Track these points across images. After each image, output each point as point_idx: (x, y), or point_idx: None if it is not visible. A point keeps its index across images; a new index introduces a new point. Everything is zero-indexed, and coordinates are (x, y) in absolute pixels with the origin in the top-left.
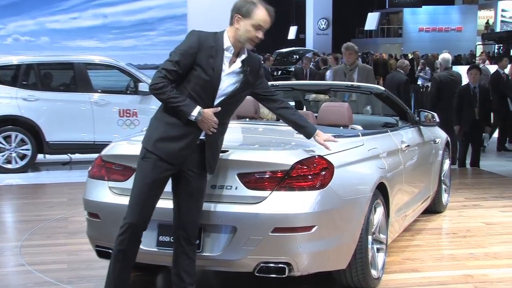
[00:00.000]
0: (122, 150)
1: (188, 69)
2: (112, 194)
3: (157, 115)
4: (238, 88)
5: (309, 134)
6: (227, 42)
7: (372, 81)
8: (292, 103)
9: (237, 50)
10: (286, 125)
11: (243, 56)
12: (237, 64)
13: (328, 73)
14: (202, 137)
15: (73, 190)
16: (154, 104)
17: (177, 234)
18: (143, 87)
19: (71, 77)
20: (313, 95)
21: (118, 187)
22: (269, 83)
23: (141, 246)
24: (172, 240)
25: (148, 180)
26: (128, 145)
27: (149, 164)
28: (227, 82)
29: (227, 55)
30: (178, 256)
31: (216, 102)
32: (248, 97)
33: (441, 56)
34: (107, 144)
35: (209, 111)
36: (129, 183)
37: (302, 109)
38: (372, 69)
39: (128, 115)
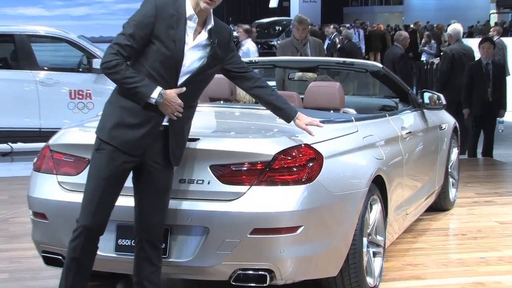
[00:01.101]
0: (73, 139)
1: (145, 43)
2: (62, 191)
3: (112, 98)
4: (204, 64)
5: (288, 117)
6: (189, 10)
7: (323, 55)
8: (274, 83)
9: (202, 19)
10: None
11: (210, 26)
12: (203, 36)
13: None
14: (165, 123)
15: (15, 186)
16: (111, 84)
17: (139, 237)
18: (98, 64)
19: (12, 52)
20: (299, 73)
21: (69, 182)
22: (248, 59)
23: (98, 252)
24: (133, 244)
25: (104, 175)
26: (80, 132)
27: (104, 156)
28: (192, 57)
29: (191, 25)
30: (140, 263)
31: (180, 81)
32: (222, 76)
33: (451, 27)
34: (56, 132)
35: (172, 92)
36: (82, 178)
37: (286, 89)
38: (321, 42)
39: (80, 97)
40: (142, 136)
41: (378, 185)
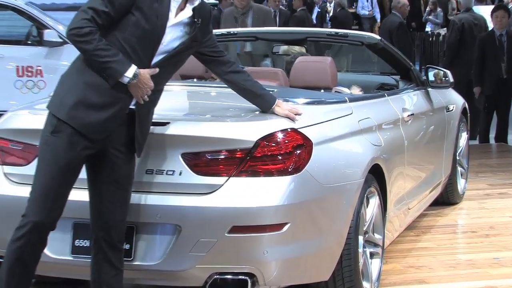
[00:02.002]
0: (22, 123)
1: (123, 13)
2: (9, 183)
3: (72, 71)
4: (183, 45)
5: (266, 106)
6: None
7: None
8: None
9: None
10: None
11: (197, 2)
12: (186, 13)
13: None
14: (132, 106)
15: None
16: (66, 59)
17: (97, 236)
18: (50, 35)
19: None
20: (284, 47)
21: (17, 173)
22: (226, 30)
23: (50, 254)
24: (88, 245)
25: (62, 162)
26: (30, 115)
27: (62, 140)
28: (172, 35)
29: None
30: (99, 266)
31: (155, 61)
32: None
33: None
34: (1, 115)
35: (146, 73)
36: (32, 168)
37: (270, 65)
38: (270, 10)
39: (29, 74)
40: (107, 119)
41: (376, 176)
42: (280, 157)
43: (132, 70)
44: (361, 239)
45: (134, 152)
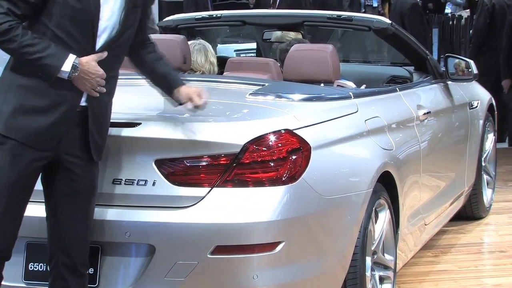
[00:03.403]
0: None
1: None
2: None
3: (5, 74)
4: (125, 16)
5: (173, 85)
6: None
7: None
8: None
9: None
10: (235, 81)
11: None
12: None
13: None
14: (83, 103)
15: None
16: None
17: (55, 259)
18: None
19: None
20: (277, 33)
21: None
22: (208, 13)
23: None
24: (48, 269)
25: (8, 179)
26: None
27: (5, 154)
28: (110, 8)
29: None
30: None
31: (99, 43)
32: (173, 38)
33: None
34: None
35: (90, 61)
36: None
37: (261, 54)
38: None
39: None
40: (54, 123)
41: (386, 186)
42: (272, 164)
43: (69, 62)
44: (368, 260)
45: (93, 157)
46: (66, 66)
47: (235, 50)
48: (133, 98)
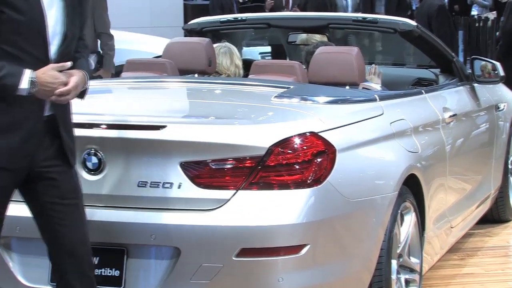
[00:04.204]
0: None
1: None
2: None
3: None
4: (70, 19)
5: None
6: None
7: (99, 16)
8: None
9: None
10: (260, 84)
11: None
12: None
13: None
14: (47, 113)
15: None
16: None
17: (60, 270)
18: None
19: None
20: (303, 36)
21: None
22: (233, 16)
23: (25, 282)
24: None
25: None
26: None
27: None
28: (54, 13)
29: None
30: None
31: (53, 51)
32: (198, 41)
33: None
34: None
35: (46, 71)
36: None
37: (285, 57)
38: None
39: None
40: (24, 138)
41: (412, 188)
42: (297, 167)
43: (26, 78)
44: (394, 263)
45: (69, 162)
46: (24, 84)
47: (260, 53)
48: (158, 101)
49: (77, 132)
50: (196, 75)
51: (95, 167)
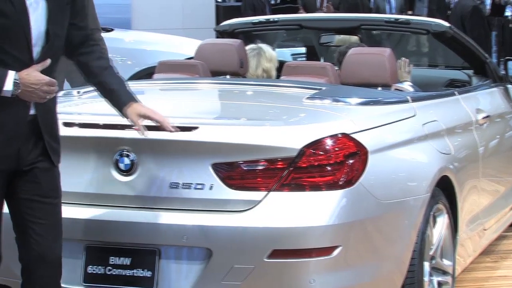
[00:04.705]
0: None
1: None
2: None
3: None
4: (51, 21)
5: (119, 103)
6: None
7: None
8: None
9: None
10: (292, 85)
11: None
12: None
13: None
14: (32, 112)
15: None
16: None
17: (28, 271)
18: None
19: None
20: (341, 37)
21: None
22: (265, 17)
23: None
24: (108, 272)
25: None
26: None
27: None
28: (37, 14)
29: None
30: None
31: (36, 52)
32: (230, 42)
33: None
34: None
35: (30, 72)
36: None
37: (318, 58)
38: None
39: None
40: (7, 139)
41: (445, 190)
42: (329, 168)
43: (10, 80)
44: (426, 265)
45: (52, 162)
46: (8, 85)
47: (291, 54)
48: (190, 102)
49: (110, 133)
50: (227, 77)
51: (127, 168)
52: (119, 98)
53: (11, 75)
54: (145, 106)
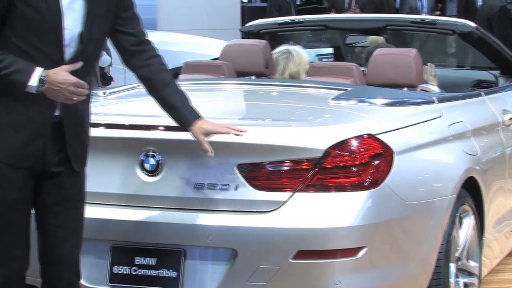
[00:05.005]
0: None
1: (5, 8)
2: None
3: None
4: (89, 25)
5: (183, 121)
6: None
7: None
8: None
9: None
10: (317, 86)
11: None
12: None
13: None
14: (57, 113)
15: None
16: None
17: (48, 272)
18: None
19: None
20: (372, 38)
21: None
22: (290, 18)
23: (84, 283)
24: (133, 272)
25: (5, 199)
26: None
27: None
28: (73, 16)
29: None
30: None
31: (68, 53)
32: (255, 43)
33: None
34: None
35: (58, 71)
36: None
37: (343, 59)
38: None
39: None
40: (29, 138)
41: (471, 191)
42: (354, 169)
43: (36, 76)
44: (452, 267)
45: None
46: (33, 81)
47: (317, 55)
48: (215, 103)
49: (135, 134)
50: (253, 77)
51: (153, 169)
52: (184, 116)
53: (38, 71)
54: (208, 121)
